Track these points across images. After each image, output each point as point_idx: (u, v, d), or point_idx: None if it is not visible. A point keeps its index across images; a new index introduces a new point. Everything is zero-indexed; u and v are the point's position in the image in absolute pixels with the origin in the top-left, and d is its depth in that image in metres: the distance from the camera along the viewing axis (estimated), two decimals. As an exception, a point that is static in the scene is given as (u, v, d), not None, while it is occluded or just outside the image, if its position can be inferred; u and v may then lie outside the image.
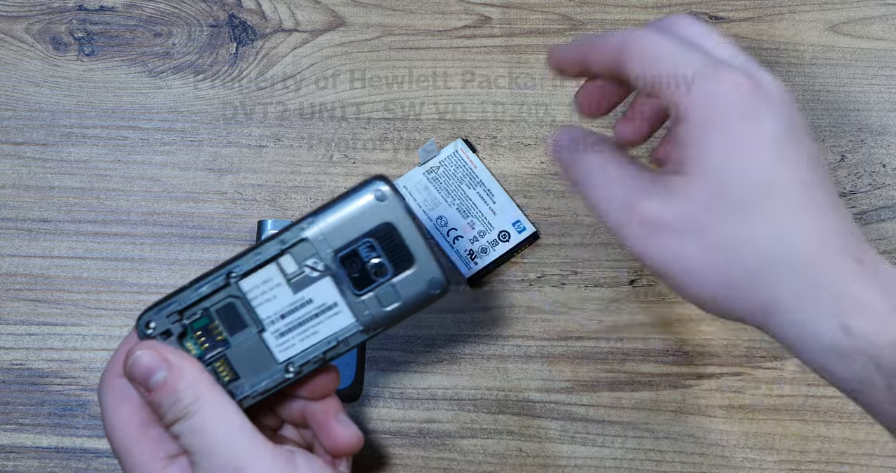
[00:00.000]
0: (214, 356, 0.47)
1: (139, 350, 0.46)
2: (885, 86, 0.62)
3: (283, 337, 0.47)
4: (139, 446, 0.46)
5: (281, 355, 0.47)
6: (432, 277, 0.46)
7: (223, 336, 0.47)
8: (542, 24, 0.63)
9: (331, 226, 0.46)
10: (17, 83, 0.62)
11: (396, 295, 0.47)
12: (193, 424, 0.45)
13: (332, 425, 0.50)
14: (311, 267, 0.47)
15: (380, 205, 0.46)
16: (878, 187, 0.61)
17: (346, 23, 0.63)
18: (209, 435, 0.45)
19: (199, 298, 0.47)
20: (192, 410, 0.45)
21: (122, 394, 0.48)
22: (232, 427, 0.45)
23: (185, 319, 0.47)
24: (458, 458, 0.57)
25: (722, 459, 0.57)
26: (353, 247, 0.46)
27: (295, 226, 0.46)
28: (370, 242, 0.46)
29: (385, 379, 0.58)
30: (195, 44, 0.63)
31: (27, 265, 0.59)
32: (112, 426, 0.47)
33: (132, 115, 0.62)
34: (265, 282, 0.47)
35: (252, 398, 0.47)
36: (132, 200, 0.60)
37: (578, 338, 0.59)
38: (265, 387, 0.47)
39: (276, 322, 0.47)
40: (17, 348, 0.58)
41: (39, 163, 0.61)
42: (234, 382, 0.47)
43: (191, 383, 0.46)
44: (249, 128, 0.62)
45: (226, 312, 0.47)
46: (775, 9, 0.63)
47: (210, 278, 0.47)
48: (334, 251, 0.46)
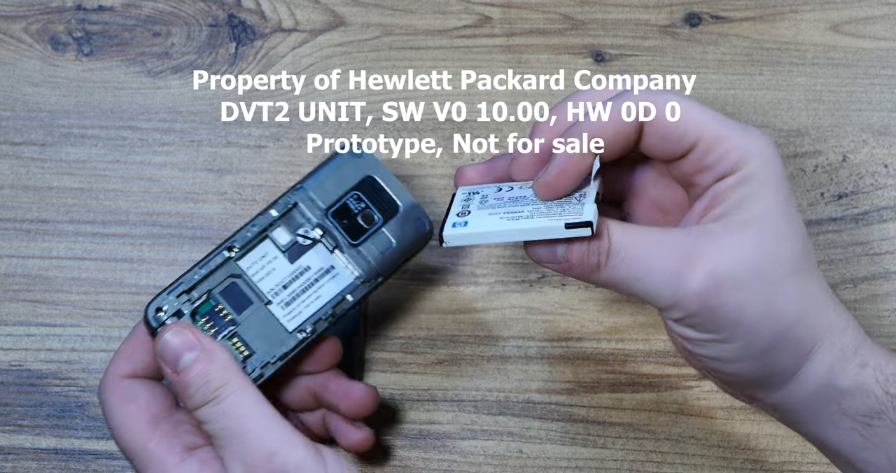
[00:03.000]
0: (226, 336, 0.49)
1: (171, 330, 0.46)
2: (888, 86, 0.62)
3: (289, 306, 0.50)
4: (153, 441, 0.46)
5: (290, 324, 0.49)
6: (418, 218, 0.52)
7: (230, 316, 0.49)
8: (542, 23, 0.63)
9: (318, 187, 0.51)
10: (16, 83, 0.62)
11: (389, 241, 0.51)
12: (225, 408, 0.45)
13: (346, 384, 0.51)
14: (303, 235, 0.50)
15: (359, 162, 0.52)
16: (880, 187, 0.60)
17: (346, 22, 0.63)
18: (242, 419, 0.45)
19: (203, 276, 0.49)
20: (222, 393, 0.45)
21: (128, 393, 0.47)
22: (264, 412, 0.46)
23: (192, 302, 0.48)
24: (459, 459, 0.57)
25: (724, 460, 0.57)
26: (343, 201, 0.51)
27: (285, 195, 0.51)
28: (357, 194, 0.51)
29: (385, 380, 0.58)
30: (194, 43, 0.63)
31: (25, 266, 0.59)
32: (119, 424, 0.47)
33: (131, 115, 0.62)
34: (262, 258, 0.50)
35: (272, 365, 0.49)
36: (131, 201, 0.60)
37: (579, 339, 0.59)
38: (284, 352, 0.49)
39: (279, 293, 0.50)
40: (15, 349, 0.58)
41: (38, 163, 0.61)
42: (249, 358, 0.49)
43: (222, 366, 0.46)
44: (249, 129, 0.61)
45: (229, 292, 0.49)
46: (777, 8, 0.63)
47: (212, 255, 0.49)
48: (325, 209, 0.51)
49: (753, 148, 0.44)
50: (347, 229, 0.51)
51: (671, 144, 0.45)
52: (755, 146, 0.44)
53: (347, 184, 0.51)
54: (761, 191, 0.44)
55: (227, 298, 0.49)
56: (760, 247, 0.43)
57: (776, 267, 0.44)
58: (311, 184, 0.51)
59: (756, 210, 0.44)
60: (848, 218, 0.60)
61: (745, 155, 0.44)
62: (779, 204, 0.44)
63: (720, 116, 0.45)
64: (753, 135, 0.44)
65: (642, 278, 0.44)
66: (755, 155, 0.44)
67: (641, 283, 0.44)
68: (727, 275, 0.43)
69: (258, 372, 0.48)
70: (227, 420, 0.45)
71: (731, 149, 0.44)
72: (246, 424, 0.45)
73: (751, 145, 0.44)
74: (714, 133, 0.44)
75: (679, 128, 0.44)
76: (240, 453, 0.44)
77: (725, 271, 0.43)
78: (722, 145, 0.44)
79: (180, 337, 0.46)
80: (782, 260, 0.44)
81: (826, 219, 0.60)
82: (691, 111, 0.44)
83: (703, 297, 0.43)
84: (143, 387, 0.48)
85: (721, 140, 0.44)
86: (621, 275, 0.44)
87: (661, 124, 0.44)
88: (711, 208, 0.45)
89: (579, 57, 0.62)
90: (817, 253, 0.59)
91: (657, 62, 0.62)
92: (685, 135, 0.44)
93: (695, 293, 0.43)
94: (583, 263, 0.45)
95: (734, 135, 0.44)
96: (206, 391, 0.45)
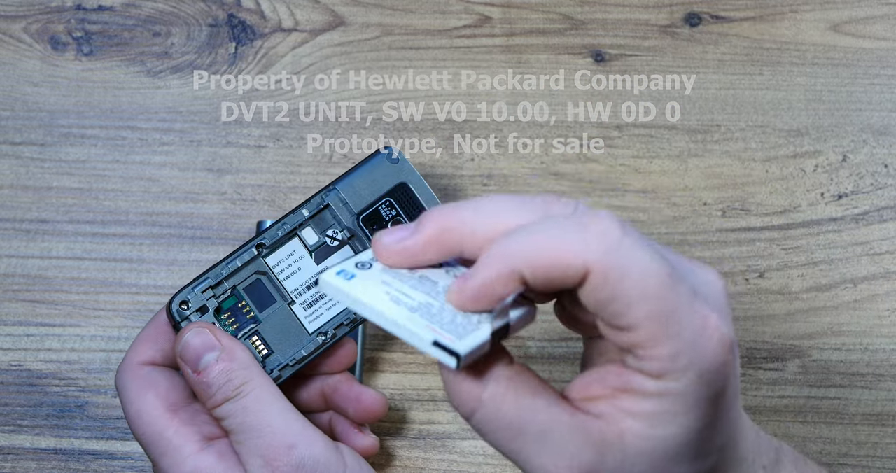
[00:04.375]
0: (246, 333, 0.49)
1: (191, 331, 0.47)
2: (888, 85, 0.62)
3: (311, 307, 0.49)
4: (171, 429, 0.46)
5: (311, 326, 0.49)
6: None
7: (253, 313, 0.49)
8: (542, 23, 0.63)
9: (351, 190, 0.50)
10: (16, 83, 0.62)
11: None
12: (246, 403, 0.45)
13: (357, 389, 0.51)
14: (331, 236, 0.50)
15: (393, 167, 0.51)
16: (881, 187, 0.60)
17: (346, 22, 0.63)
18: (262, 414, 0.45)
19: (231, 272, 0.49)
20: (244, 390, 0.46)
21: (147, 381, 0.47)
22: (283, 408, 0.46)
23: (217, 298, 0.49)
24: (459, 460, 0.57)
25: (723, 460, 0.57)
26: (375, 207, 0.50)
27: (317, 195, 0.50)
28: (389, 201, 0.51)
29: (385, 380, 0.58)
30: (194, 43, 0.63)
31: (25, 265, 0.59)
32: (137, 412, 0.47)
33: (131, 115, 0.62)
34: (290, 256, 0.50)
35: (291, 367, 0.49)
36: (131, 200, 0.60)
37: (579, 339, 0.58)
38: (303, 355, 0.49)
39: (303, 293, 0.50)
40: (14, 349, 0.58)
41: (37, 163, 0.61)
42: (268, 358, 0.49)
43: (243, 364, 0.46)
44: (248, 129, 0.61)
45: (253, 289, 0.49)
46: (777, 8, 0.63)
47: (241, 251, 0.49)
48: (356, 214, 0.50)
49: (696, 362, 0.34)
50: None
51: (599, 312, 0.36)
52: (698, 361, 0.34)
53: (381, 189, 0.51)
54: (682, 414, 0.35)
55: (251, 295, 0.49)
56: (653, 468, 0.36)
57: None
58: (344, 185, 0.50)
59: (667, 431, 0.35)
60: (848, 218, 0.60)
61: (681, 367, 0.34)
62: (699, 427, 0.35)
63: (671, 301, 0.34)
64: (706, 346, 0.35)
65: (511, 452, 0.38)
66: (694, 370, 0.34)
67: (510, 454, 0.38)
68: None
69: (276, 373, 0.49)
70: (247, 414, 0.45)
71: (665, 355, 0.34)
72: (265, 418, 0.45)
73: (694, 359, 0.34)
74: (653, 332, 0.34)
75: (612, 307, 0.35)
76: (258, 447, 0.45)
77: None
78: (658, 348, 0.34)
79: (200, 337, 0.46)
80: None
81: (826, 218, 0.60)
82: (640, 296, 0.34)
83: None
84: (163, 375, 0.48)
85: (660, 341, 0.34)
86: (489, 436, 0.38)
87: (592, 294, 0.35)
88: (622, 397, 0.36)
89: (579, 57, 0.62)
90: (818, 252, 0.59)
91: (657, 62, 0.62)
92: (617, 317, 0.35)
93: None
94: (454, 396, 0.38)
95: (678, 342, 0.34)
96: (227, 389, 0.45)
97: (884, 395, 0.58)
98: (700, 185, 0.61)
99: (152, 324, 0.49)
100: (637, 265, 0.34)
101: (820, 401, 0.58)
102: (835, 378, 0.58)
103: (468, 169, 0.61)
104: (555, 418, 0.36)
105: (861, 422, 0.57)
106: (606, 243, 0.34)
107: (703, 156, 0.61)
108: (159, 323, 0.49)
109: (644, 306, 0.34)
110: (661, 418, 0.35)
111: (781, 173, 0.61)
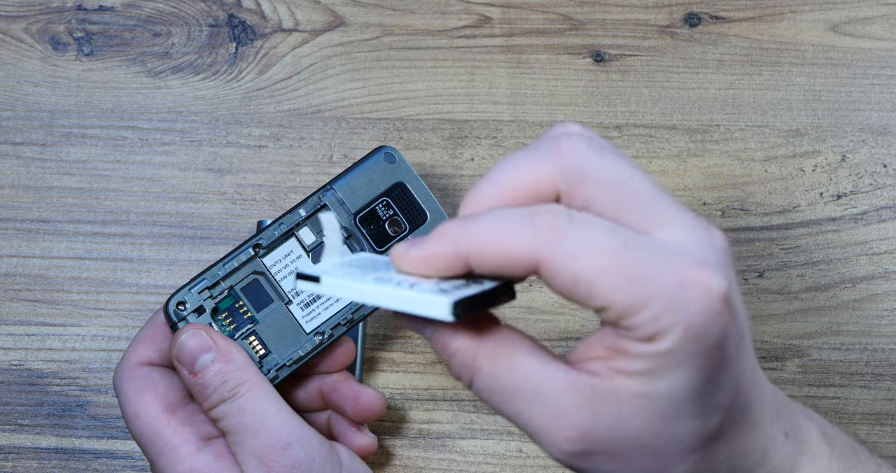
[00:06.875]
0: (243, 334, 0.49)
1: (186, 332, 0.47)
2: (887, 86, 0.62)
3: (308, 307, 0.49)
4: (169, 428, 0.46)
5: (308, 326, 0.49)
6: None
7: (250, 313, 0.49)
8: (542, 24, 0.63)
9: (348, 189, 0.50)
10: (16, 83, 0.62)
11: None
12: (242, 404, 0.45)
13: (356, 388, 0.51)
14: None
15: (390, 167, 0.51)
16: (879, 187, 0.61)
17: (346, 22, 0.63)
18: (258, 414, 0.45)
19: (228, 272, 0.49)
20: (239, 392, 0.46)
21: (145, 381, 0.47)
22: (279, 408, 0.46)
23: (214, 298, 0.49)
24: (459, 459, 0.57)
25: (723, 460, 0.57)
26: (372, 207, 0.50)
27: (314, 194, 0.50)
28: (386, 201, 0.51)
29: (385, 379, 0.58)
30: (194, 44, 0.63)
31: (26, 265, 0.59)
32: (135, 412, 0.47)
33: (131, 115, 0.62)
34: (287, 256, 0.50)
35: (287, 367, 0.49)
36: (131, 200, 0.60)
37: (579, 339, 0.59)
38: (300, 355, 0.49)
39: (300, 293, 0.49)
40: (15, 348, 0.58)
41: (38, 163, 0.61)
42: (265, 358, 0.49)
43: (239, 366, 0.46)
44: (249, 129, 0.61)
45: (250, 289, 0.49)
46: (776, 8, 0.63)
47: (238, 251, 0.49)
48: (353, 213, 0.50)
49: (679, 319, 0.34)
50: (373, 235, 0.51)
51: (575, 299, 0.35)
52: (682, 317, 0.34)
53: (378, 189, 0.51)
54: (676, 370, 0.34)
55: (249, 295, 0.49)
56: (651, 426, 0.36)
57: (670, 444, 0.36)
58: (341, 185, 0.50)
59: (661, 387, 0.35)
60: (847, 217, 0.60)
61: (665, 327, 0.34)
62: (695, 382, 0.35)
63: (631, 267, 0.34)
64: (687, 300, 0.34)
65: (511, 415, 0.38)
66: (679, 327, 0.34)
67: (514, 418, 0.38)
68: (602, 445, 0.36)
69: (273, 374, 0.49)
70: (242, 415, 0.45)
71: (647, 320, 0.34)
72: (260, 419, 0.45)
73: (676, 316, 0.34)
74: (625, 301, 0.34)
75: (580, 289, 0.34)
76: (254, 447, 0.45)
77: (601, 439, 0.36)
78: (637, 314, 0.34)
79: (196, 338, 0.46)
80: (679, 438, 0.36)
81: (825, 218, 0.60)
82: (597, 271, 0.33)
83: (571, 458, 0.37)
84: (161, 375, 0.48)
85: (637, 308, 0.34)
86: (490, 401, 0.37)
87: (553, 282, 0.35)
88: (616, 357, 0.35)
89: (579, 57, 0.63)
90: (817, 252, 0.60)
91: (657, 62, 0.62)
92: (590, 298, 0.34)
93: (564, 453, 0.37)
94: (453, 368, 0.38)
95: (655, 304, 0.33)
96: (223, 391, 0.45)
97: (883, 395, 0.58)
98: (699, 185, 0.61)
99: (150, 325, 0.49)
100: (585, 245, 0.34)
101: (819, 401, 0.58)
102: (834, 377, 0.58)
103: (468, 169, 0.61)
104: (548, 376, 0.36)
105: (860, 422, 0.57)
106: (553, 232, 0.34)
107: (702, 156, 0.61)
108: (157, 324, 0.49)
109: (606, 281, 0.34)
110: (654, 376, 0.35)
111: (781, 173, 0.61)
